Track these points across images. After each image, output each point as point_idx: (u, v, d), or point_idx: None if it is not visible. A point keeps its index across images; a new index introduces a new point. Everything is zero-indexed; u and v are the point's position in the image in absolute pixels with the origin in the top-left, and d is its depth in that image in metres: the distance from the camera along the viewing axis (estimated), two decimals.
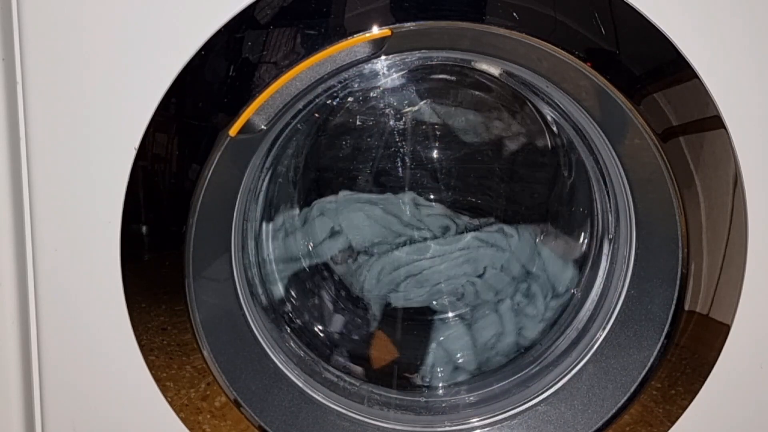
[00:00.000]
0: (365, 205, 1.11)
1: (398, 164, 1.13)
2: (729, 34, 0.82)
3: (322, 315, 1.14)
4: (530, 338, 1.13)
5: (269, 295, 1.09)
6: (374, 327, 1.15)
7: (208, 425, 0.91)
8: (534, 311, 1.13)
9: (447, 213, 1.13)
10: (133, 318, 0.86)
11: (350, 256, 1.15)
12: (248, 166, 0.91)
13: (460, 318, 1.15)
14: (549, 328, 1.12)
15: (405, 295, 1.13)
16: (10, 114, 0.84)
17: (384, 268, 1.12)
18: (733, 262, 0.88)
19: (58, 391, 0.90)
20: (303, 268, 1.14)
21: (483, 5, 0.80)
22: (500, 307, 1.14)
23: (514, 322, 1.13)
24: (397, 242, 1.12)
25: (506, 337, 1.13)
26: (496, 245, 1.12)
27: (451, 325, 1.15)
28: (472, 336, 1.13)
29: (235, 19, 0.79)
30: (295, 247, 1.13)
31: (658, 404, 0.92)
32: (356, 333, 1.14)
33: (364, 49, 0.82)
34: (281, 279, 1.12)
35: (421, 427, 1.01)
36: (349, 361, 1.11)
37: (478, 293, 1.13)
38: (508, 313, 1.13)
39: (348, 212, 1.11)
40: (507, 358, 1.12)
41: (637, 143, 0.85)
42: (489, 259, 1.12)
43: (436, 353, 1.13)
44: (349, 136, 1.13)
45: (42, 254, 0.85)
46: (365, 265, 1.13)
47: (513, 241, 1.12)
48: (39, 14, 0.78)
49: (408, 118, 1.13)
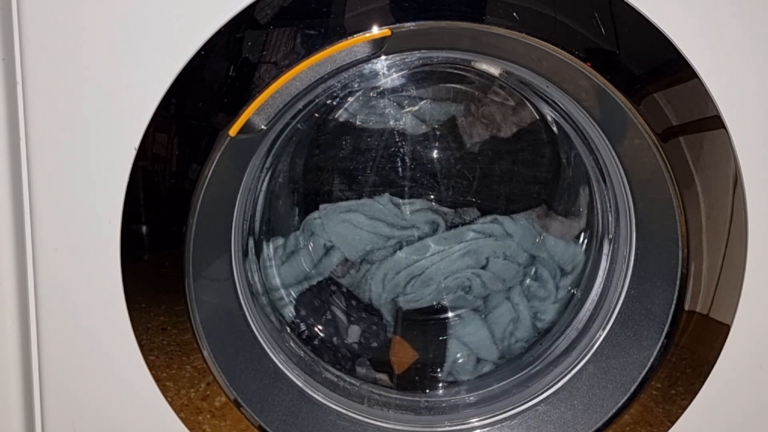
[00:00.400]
0: (348, 215, 1.11)
1: (396, 166, 1.13)
2: (729, 34, 0.82)
3: (337, 328, 1.14)
4: (548, 320, 1.13)
5: (281, 319, 1.10)
6: (390, 333, 1.15)
7: (208, 425, 0.91)
8: (545, 293, 1.13)
9: (431, 207, 1.14)
10: (133, 318, 0.86)
11: (351, 266, 1.15)
12: (248, 166, 0.91)
13: (474, 311, 1.16)
14: (564, 309, 1.12)
15: (413, 296, 1.13)
16: (10, 114, 0.84)
17: (387, 274, 1.12)
18: (733, 262, 0.88)
19: (58, 391, 0.90)
20: (309, 287, 1.14)
21: (483, 5, 0.80)
22: (511, 294, 1.14)
23: (527, 307, 1.13)
24: (390, 246, 1.13)
25: (523, 323, 1.13)
26: (494, 235, 1.12)
27: (467, 319, 1.15)
28: (489, 327, 1.13)
29: (235, 19, 0.79)
30: (298, 269, 1.13)
31: (658, 404, 0.92)
32: (375, 341, 1.15)
33: (364, 49, 0.82)
34: (290, 302, 1.13)
35: (421, 427, 1.01)
36: (373, 370, 1.12)
37: (485, 284, 1.13)
38: (520, 298, 1.14)
39: (334, 225, 1.11)
40: (528, 344, 1.13)
41: (637, 143, 0.85)
42: (490, 249, 1.12)
43: (456, 349, 1.13)
44: (348, 136, 1.13)
45: (42, 254, 0.85)
46: (368, 273, 1.13)
47: (510, 227, 1.12)
48: (39, 14, 0.78)
49: (408, 118, 1.13)
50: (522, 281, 1.15)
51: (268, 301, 1.09)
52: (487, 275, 1.13)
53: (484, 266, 1.13)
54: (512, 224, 1.12)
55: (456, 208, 1.15)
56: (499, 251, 1.12)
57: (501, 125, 1.14)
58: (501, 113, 1.14)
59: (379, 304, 1.14)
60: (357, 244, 1.11)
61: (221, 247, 0.93)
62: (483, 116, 1.15)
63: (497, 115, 1.14)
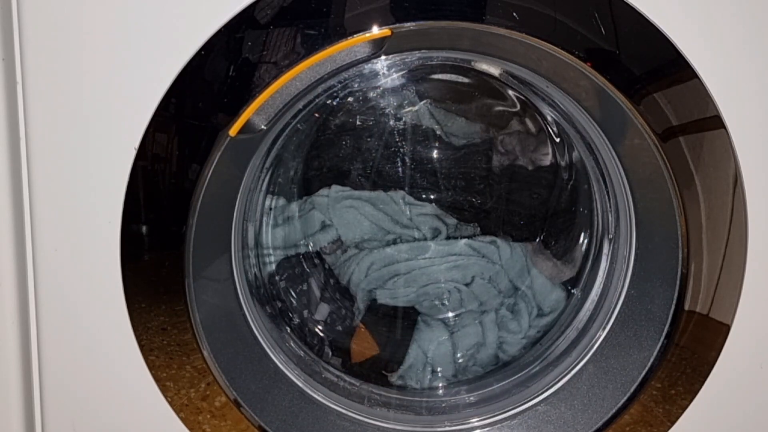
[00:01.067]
0: (356, 201, 1.11)
1: (394, 163, 1.13)
2: (729, 34, 0.82)
3: (309, 302, 1.14)
4: (510, 353, 1.13)
5: (261, 274, 1.10)
6: (358, 321, 1.15)
7: (208, 425, 0.91)
8: (517, 328, 1.13)
9: (438, 213, 1.14)
10: (133, 318, 0.86)
11: (339, 247, 1.15)
12: (248, 166, 0.91)
13: (443, 323, 1.16)
14: (530, 346, 1.12)
15: (391, 293, 1.14)
16: (10, 114, 0.84)
17: (373, 264, 1.12)
18: (733, 262, 0.88)
19: (58, 391, 0.90)
20: (295, 254, 1.14)
21: (483, 5, 0.80)
22: (484, 318, 1.15)
23: (496, 335, 1.13)
24: (386, 239, 1.13)
25: (486, 349, 1.14)
26: (487, 257, 1.12)
27: (434, 328, 1.15)
28: (453, 344, 1.14)
29: (235, 19, 0.79)
30: (291, 237, 1.14)
31: (658, 404, 0.92)
32: (340, 325, 1.15)
33: (364, 49, 0.82)
34: (274, 261, 1.13)
35: (421, 427, 1.01)
36: (330, 350, 1.12)
37: (463, 301, 1.14)
38: (491, 325, 1.14)
39: (339, 208, 1.11)
40: (484, 370, 1.13)
41: (637, 143, 0.85)
42: (479, 268, 1.12)
43: (416, 355, 1.13)
44: (348, 135, 1.13)
45: (42, 254, 0.85)
46: (355, 258, 1.13)
47: (504, 254, 1.12)
48: (39, 14, 0.78)
49: (408, 118, 1.13)
50: (498, 309, 1.15)
51: (266, 293, 1.09)
52: (467, 292, 1.13)
53: (468, 283, 1.13)
54: (508, 250, 1.13)
55: (459, 222, 1.15)
56: (486, 273, 1.13)
57: (520, 156, 1.15)
58: (522, 145, 1.14)
59: (355, 291, 1.14)
60: (356, 230, 1.12)
61: (221, 247, 0.93)
62: (504, 144, 1.15)
63: (518, 146, 1.15)
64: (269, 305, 1.08)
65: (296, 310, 1.14)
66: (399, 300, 1.14)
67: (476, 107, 1.16)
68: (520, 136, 1.14)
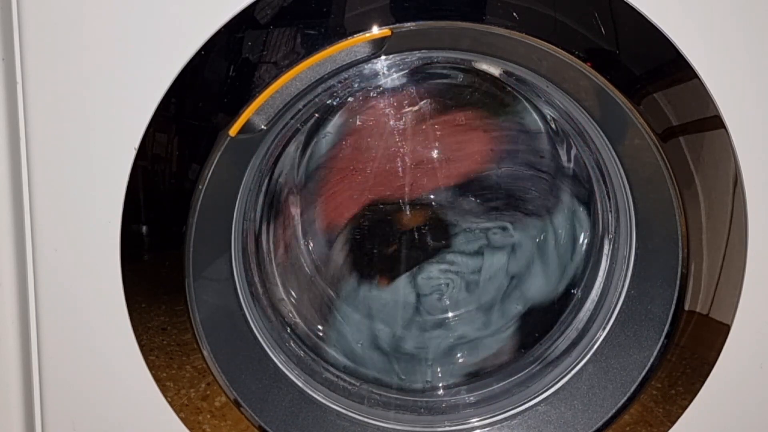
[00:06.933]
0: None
1: (394, 163, 1.13)
2: (729, 34, 0.82)
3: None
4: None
5: (281, 319, 1.10)
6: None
7: (208, 425, 0.91)
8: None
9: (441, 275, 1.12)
10: (133, 318, 0.86)
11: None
12: (248, 166, 0.91)
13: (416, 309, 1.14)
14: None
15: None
16: (10, 114, 0.84)
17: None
18: (733, 262, 0.88)
19: (58, 391, 0.90)
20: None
21: (483, 5, 0.80)
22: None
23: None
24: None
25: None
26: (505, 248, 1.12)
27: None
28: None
29: (235, 19, 0.79)
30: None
31: (658, 404, 0.92)
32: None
33: (364, 49, 0.82)
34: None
35: (421, 427, 1.01)
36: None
37: (457, 298, 1.13)
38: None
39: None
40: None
41: (637, 143, 0.85)
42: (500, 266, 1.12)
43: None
44: (348, 135, 1.13)
45: (42, 254, 0.85)
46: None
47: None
48: (39, 14, 0.78)
49: (408, 118, 1.13)
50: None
51: (268, 302, 1.09)
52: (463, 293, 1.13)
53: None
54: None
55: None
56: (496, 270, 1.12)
57: (520, 156, 1.14)
58: (521, 145, 1.14)
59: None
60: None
61: (221, 247, 0.93)
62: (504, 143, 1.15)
63: (518, 146, 1.14)
64: (302, 348, 1.08)
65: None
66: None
67: (476, 107, 1.15)
68: (519, 136, 1.14)
